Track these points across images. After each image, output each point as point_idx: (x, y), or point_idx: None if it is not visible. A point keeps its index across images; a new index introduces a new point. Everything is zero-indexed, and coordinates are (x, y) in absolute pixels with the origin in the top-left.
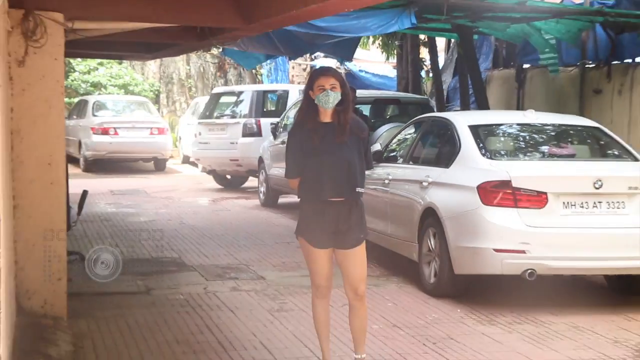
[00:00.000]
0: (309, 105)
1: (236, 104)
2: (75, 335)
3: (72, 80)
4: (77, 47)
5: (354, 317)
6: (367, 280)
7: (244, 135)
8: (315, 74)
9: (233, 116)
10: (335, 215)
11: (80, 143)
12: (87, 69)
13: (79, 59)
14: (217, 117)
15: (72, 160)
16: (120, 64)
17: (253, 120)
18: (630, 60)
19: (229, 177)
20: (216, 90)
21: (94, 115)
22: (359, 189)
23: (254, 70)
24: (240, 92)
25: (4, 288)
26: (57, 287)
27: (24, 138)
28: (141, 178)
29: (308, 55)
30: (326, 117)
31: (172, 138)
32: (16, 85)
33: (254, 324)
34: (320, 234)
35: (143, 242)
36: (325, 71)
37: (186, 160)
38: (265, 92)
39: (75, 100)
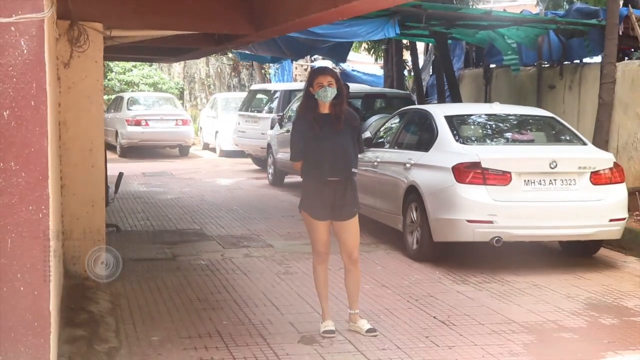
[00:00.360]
0: (309, 99)
1: (268, 100)
2: (112, 294)
3: (109, 80)
4: (114, 52)
5: (349, 279)
6: (360, 248)
7: (272, 127)
8: (314, 73)
9: (264, 111)
10: (333, 193)
11: (117, 133)
12: (122, 70)
13: (116, 62)
14: (252, 111)
15: (110, 147)
16: (150, 66)
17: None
18: (578, 61)
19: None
20: (253, 87)
21: (129, 109)
22: (353, 170)
23: (263, 71)
24: (272, 90)
25: (52, 254)
26: None
27: (70, 128)
28: (168, 162)
29: (308, 57)
30: (324, 109)
31: (194, 128)
32: (63, 84)
33: (264, 285)
34: (320, 208)
35: (169, 215)
36: (323, 70)
37: (206, 146)
38: (292, 91)
39: (113, 97)
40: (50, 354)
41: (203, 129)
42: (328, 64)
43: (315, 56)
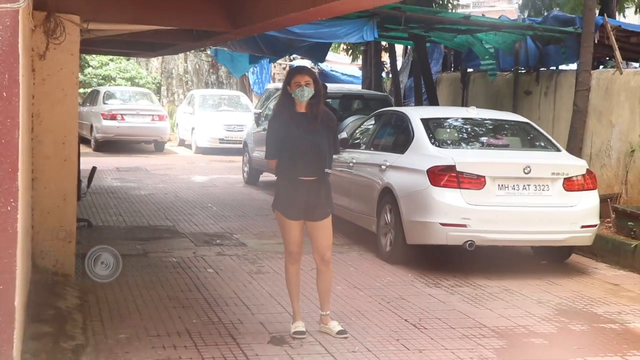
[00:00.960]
0: (286, 98)
1: None
2: (81, 290)
3: (86, 75)
4: (91, 45)
5: (321, 280)
6: (333, 248)
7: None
8: (293, 72)
9: None
10: (306, 192)
11: (91, 126)
12: (99, 64)
13: (93, 55)
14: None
15: (84, 141)
16: (127, 60)
17: None
18: (554, 68)
19: None
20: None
21: (104, 103)
22: (327, 170)
23: None
24: None
25: (20, 248)
26: (67, 249)
27: (43, 121)
28: (143, 157)
29: (287, 56)
30: (301, 108)
31: (170, 124)
32: (37, 76)
33: (236, 284)
34: (293, 207)
35: (142, 211)
36: (301, 69)
37: (182, 143)
38: None
39: (89, 90)
40: (14, 350)
41: (179, 125)
42: (307, 63)
43: (294, 55)
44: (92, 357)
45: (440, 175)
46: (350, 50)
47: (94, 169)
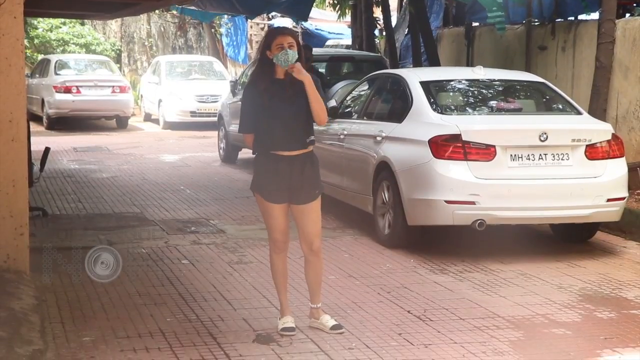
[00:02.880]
0: (264, 63)
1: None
2: (38, 289)
3: (33, 41)
4: (38, 6)
5: (310, 271)
6: (324, 233)
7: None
8: (273, 33)
9: None
10: (288, 171)
11: (43, 101)
12: (49, 27)
13: (40, 19)
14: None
15: (35, 118)
16: (82, 24)
17: None
18: (572, 18)
19: None
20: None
21: (57, 74)
22: (308, 139)
23: (213, 30)
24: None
25: None
26: (19, 242)
27: None
28: (103, 135)
29: (265, 15)
30: (281, 74)
31: (134, 96)
32: None
33: (214, 276)
34: (274, 189)
35: (105, 197)
36: (282, 30)
37: (148, 117)
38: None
39: (38, 59)
40: None
41: (144, 98)
42: (288, 22)
43: (273, 13)
44: None
45: (444, 146)
46: (338, 6)
47: (47, 150)
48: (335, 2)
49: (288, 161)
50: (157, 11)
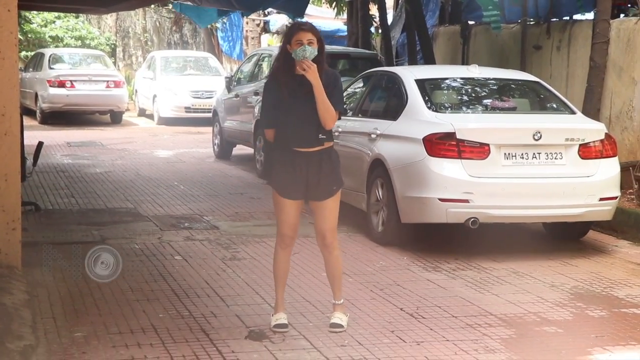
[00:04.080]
0: (285, 58)
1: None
2: (29, 284)
3: (27, 35)
4: None
5: (326, 265)
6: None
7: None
8: (294, 29)
9: None
10: (306, 167)
11: (36, 95)
12: (44, 22)
13: (35, 12)
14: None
15: (28, 112)
16: (77, 17)
17: None
18: (567, 18)
19: None
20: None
21: (51, 68)
22: (321, 136)
23: (209, 26)
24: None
25: None
26: (11, 237)
27: None
28: (97, 130)
29: (261, 11)
30: (301, 69)
31: (128, 91)
32: None
33: (207, 272)
34: (290, 185)
35: (98, 192)
36: (303, 26)
37: (142, 113)
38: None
39: (32, 53)
40: None
41: (139, 92)
42: (283, 18)
43: (269, 10)
44: (44, 358)
45: (439, 144)
46: (334, 3)
47: (40, 144)
48: None
49: (305, 157)
50: (152, 6)
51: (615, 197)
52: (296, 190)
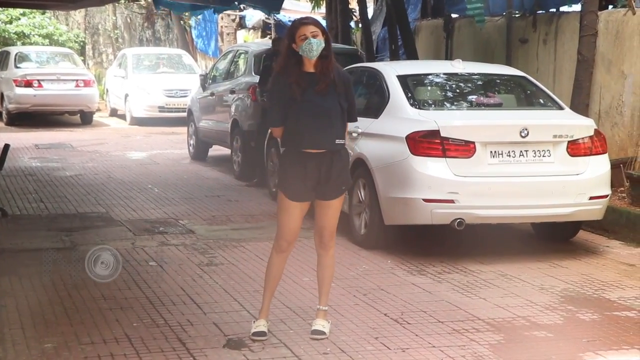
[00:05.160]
0: (290, 56)
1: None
2: None
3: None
4: None
5: (319, 265)
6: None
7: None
8: (294, 26)
9: None
10: (317, 168)
11: (2, 96)
12: (8, 19)
13: None
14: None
15: None
16: (43, 13)
17: None
18: (554, 10)
19: None
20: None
21: (17, 67)
22: (338, 141)
23: (182, 21)
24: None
25: None
26: None
27: None
28: (67, 131)
29: (236, 6)
30: (310, 67)
31: (99, 90)
32: None
33: (183, 278)
34: (300, 187)
35: (68, 196)
36: (304, 20)
37: (113, 113)
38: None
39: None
40: None
41: (110, 92)
42: (259, 14)
43: (244, 5)
44: None
45: (422, 143)
46: None
47: (6, 146)
48: None
49: (316, 158)
50: (123, 1)
51: (606, 196)
52: (306, 192)
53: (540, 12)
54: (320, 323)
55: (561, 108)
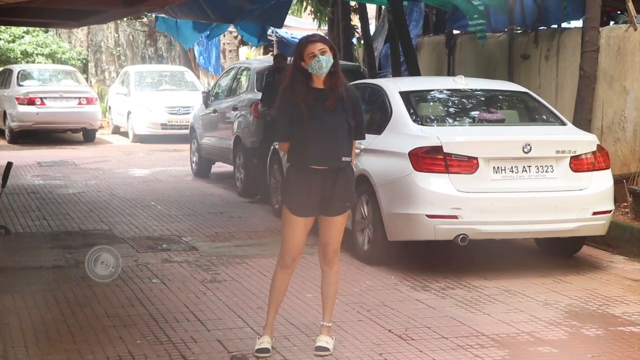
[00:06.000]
0: (298, 73)
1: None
2: (0, 311)
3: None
4: (0, 14)
5: (323, 281)
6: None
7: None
8: (302, 43)
9: None
10: (322, 184)
11: (5, 114)
12: (12, 37)
13: (2, 27)
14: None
15: None
16: (46, 32)
17: None
18: (555, 26)
19: None
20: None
21: (19, 85)
22: (344, 158)
23: None
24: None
25: None
26: None
27: None
28: (70, 149)
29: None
30: (319, 83)
31: (102, 108)
32: None
33: (186, 295)
34: (304, 202)
35: (71, 214)
36: (311, 38)
37: (116, 130)
38: None
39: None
40: None
41: (112, 109)
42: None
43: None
44: None
45: (425, 159)
46: (317, 13)
47: (9, 164)
48: (314, 9)
49: (321, 174)
50: (125, 19)
51: (609, 211)
52: (310, 207)
53: (542, 28)
54: (324, 339)
55: (564, 124)
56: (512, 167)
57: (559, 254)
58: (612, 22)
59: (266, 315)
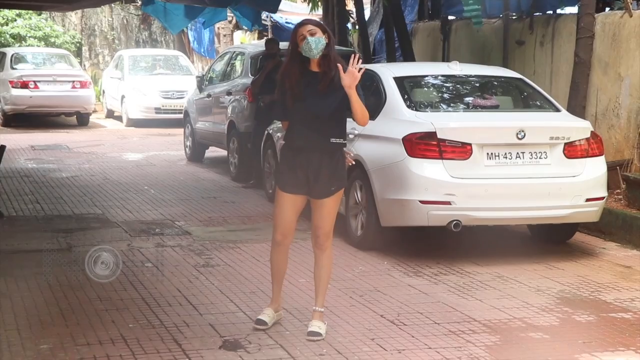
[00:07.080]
0: (294, 58)
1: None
2: None
3: None
4: None
5: (316, 266)
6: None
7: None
8: (295, 28)
9: None
10: (306, 164)
11: None
12: (4, 20)
13: None
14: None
15: None
16: (39, 15)
17: None
18: (551, 12)
19: None
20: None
21: (13, 68)
22: (333, 140)
23: None
24: None
25: None
26: None
27: None
28: (63, 133)
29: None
30: (315, 66)
31: (95, 92)
32: None
33: (179, 280)
34: (291, 179)
35: (64, 198)
36: (303, 21)
37: (110, 114)
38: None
39: None
40: None
41: (106, 93)
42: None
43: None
44: None
45: (419, 144)
46: None
47: (2, 148)
48: None
49: (306, 154)
50: (119, 2)
51: (602, 198)
52: (296, 185)
53: (537, 14)
54: (317, 324)
55: (558, 110)
56: (505, 153)
57: (552, 240)
58: (607, 9)
59: (272, 287)
